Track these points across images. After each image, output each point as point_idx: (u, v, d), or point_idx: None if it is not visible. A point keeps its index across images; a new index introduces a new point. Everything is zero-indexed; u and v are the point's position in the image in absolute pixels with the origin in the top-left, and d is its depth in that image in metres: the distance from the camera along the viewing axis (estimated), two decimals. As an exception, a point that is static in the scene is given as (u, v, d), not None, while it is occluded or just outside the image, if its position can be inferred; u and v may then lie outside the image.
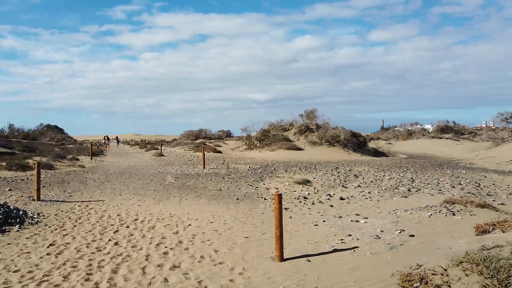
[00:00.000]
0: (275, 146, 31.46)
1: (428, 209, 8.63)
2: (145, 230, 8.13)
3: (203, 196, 12.12)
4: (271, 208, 10.32)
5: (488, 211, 8.35)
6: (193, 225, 8.49)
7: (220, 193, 12.57)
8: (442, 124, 57.05)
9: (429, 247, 5.61)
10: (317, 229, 7.73)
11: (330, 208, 10.19)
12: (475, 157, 31.88)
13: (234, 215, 9.46)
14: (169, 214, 9.61)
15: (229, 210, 10.08)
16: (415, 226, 7.12)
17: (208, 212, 9.84)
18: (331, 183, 14.50)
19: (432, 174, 17.62)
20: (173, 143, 50.53)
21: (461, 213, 7.97)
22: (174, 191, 13.13)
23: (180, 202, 11.16)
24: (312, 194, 12.44)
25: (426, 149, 43.22)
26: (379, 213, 9.29)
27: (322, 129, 33.82)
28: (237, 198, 11.65)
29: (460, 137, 51.78)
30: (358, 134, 34.50)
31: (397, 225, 7.35)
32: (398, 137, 59.50)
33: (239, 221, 8.79)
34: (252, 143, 35.59)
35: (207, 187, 13.79)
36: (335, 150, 31.35)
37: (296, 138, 34.66)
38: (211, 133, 68.04)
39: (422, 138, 55.22)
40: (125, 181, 15.68)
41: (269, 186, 13.71)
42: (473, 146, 41.00)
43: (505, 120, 39.54)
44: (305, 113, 37.28)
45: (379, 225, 7.56)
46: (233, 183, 14.69)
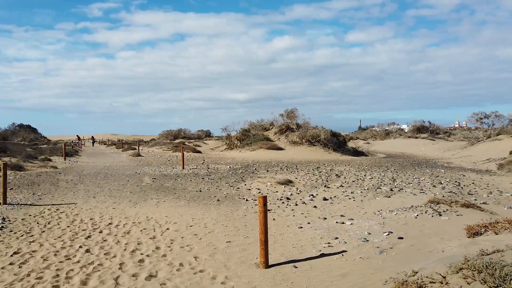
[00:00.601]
0: (255, 146, 31.14)
1: (414, 210, 8.47)
2: (119, 235, 7.62)
3: (182, 197, 11.65)
4: (253, 209, 9.96)
5: (473, 211, 8.25)
6: (171, 229, 8.04)
7: (200, 195, 12.13)
8: (418, 124, 58.04)
9: (420, 250, 5.38)
10: (302, 232, 7.42)
11: (314, 209, 9.92)
12: (452, 156, 32.47)
13: (215, 217, 9.05)
14: (146, 218, 9.11)
15: (209, 212, 9.67)
16: (403, 228, 6.90)
17: (188, 214, 9.39)
18: (314, 183, 14.27)
19: (412, 173, 17.66)
20: (151, 143, 49.50)
21: (447, 213, 7.83)
22: (152, 192, 12.60)
23: (158, 205, 10.66)
24: (295, 194, 12.15)
25: (403, 148, 43.83)
26: (364, 214, 9.08)
27: (302, 129, 33.72)
28: (218, 200, 11.24)
29: (435, 136, 52.85)
30: (338, 134, 34.58)
31: (384, 227, 7.12)
32: (376, 137, 60.30)
33: (220, 224, 8.39)
34: (233, 143, 35.16)
35: (186, 188, 13.31)
36: (315, 149, 31.29)
37: (277, 137, 34.45)
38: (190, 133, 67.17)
39: (399, 138, 56.10)
40: (100, 182, 15.00)
41: (251, 187, 13.35)
42: (448, 145, 41.85)
43: (479, 120, 40.45)
44: (286, 112, 37.11)
45: (365, 226, 7.31)
46: (213, 184, 14.25)
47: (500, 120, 38.74)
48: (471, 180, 15.34)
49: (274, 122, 38.13)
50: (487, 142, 35.55)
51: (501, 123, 38.62)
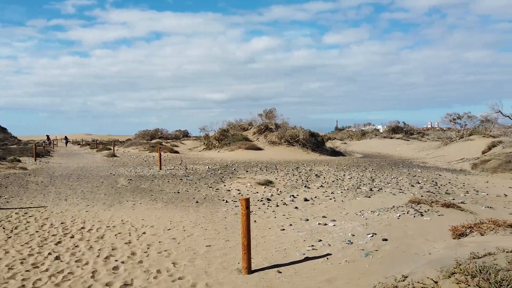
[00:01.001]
0: (234, 146, 30.85)
1: (396, 210, 8.42)
2: (92, 240, 7.21)
3: (159, 199, 11.25)
4: (234, 211, 9.70)
5: (454, 210, 8.27)
6: (148, 233, 7.68)
7: (178, 196, 11.76)
8: (393, 125, 59.08)
9: (406, 252, 5.26)
10: (285, 234, 7.22)
11: (295, 210, 9.75)
12: (426, 156, 33.15)
13: (194, 220, 8.74)
14: (121, 221, 8.70)
15: (188, 214, 9.34)
16: (386, 229, 6.81)
17: (165, 217, 9.04)
18: (294, 183, 14.13)
19: (390, 173, 17.81)
20: (127, 143, 48.36)
21: (429, 214, 7.80)
22: (127, 194, 12.13)
23: (134, 207, 10.24)
24: (275, 195, 11.97)
25: (379, 148, 44.50)
26: (346, 215, 8.97)
27: (281, 129, 33.65)
28: (197, 201, 10.91)
29: (409, 137, 53.96)
30: (316, 134, 34.71)
31: (367, 228, 7.00)
32: (352, 137, 61.06)
33: (199, 227, 8.09)
34: (211, 143, 34.72)
35: (163, 190, 12.90)
36: (294, 149, 31.28)
37: (256, 137, 34.25)
38: (167, 133, 66.15)
39: (375, 138, 56.99)
40: (72, 184, 14.38)
41: (230, 188, 13.07)
42: (423, 145, 42.77)
43: (452, 120, 41.50)
44: (264, 112, 36.97)
45: (349, 228, 7.18)
46: (192, 185, 13.89)
47: (472, 120, 39.84)
48: (447, 180, 15.57)
49: (253, 122, 37.94)
50: (460, 142, 36.49)
51: (473, 124, 39.75)
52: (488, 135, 36.15)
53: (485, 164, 20.17)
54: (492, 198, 11.52)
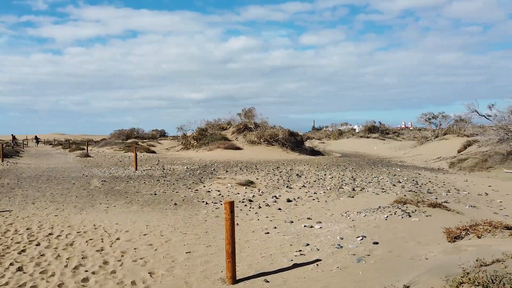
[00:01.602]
0: (213, 146, 30.28)
1: (382, 211, 8.17)
2: (60, 248, 6.61)
3: (135, 202, 10.66)
4: (214, 214, 9.25)
5: (440, 210, 8.10)
6: (122, 239, 7.13)
7: (155, 198, 11.19)
8: (370, 124, 59.86)
9: (400, 257, 4.97)
10: (270, 238, 6.83)
11: (278, 212, 9.38)
12: (403, 155, 33.54)
13: (173, 224, 8.23)
14: (93, 226, 8.10)
15: (166, 218, 8.81)
16: (375, 231, 6.52)
17: (141, 221, 8.48)
18: (275, 183, 13.79)
19: (370, 172, 17.73)
20: (102, 143, 46.89)
21: (417, 214, 7.58)
22: (101, 197, 11.46)
23: (107, 210, 9.62)
24: (257, 196, 11.57)
25: (357, 148, 44.86)
26: (331, 216, 8.67)
27: (260, 128, 33.33)
28: (175, 204, 10.38)
29: (385, 136, 54.79)
30: (295, 134, 34.57)
31: (355, 231, 6.70)
32: (330, 136, 61.54)
33: (178, 232, 7.59)
34: (189, 142, 34.02)
35: (139, 192, 12.28)
36: (273, 149, 31.02)
37: (235, 137, 33.79)
38: (143, 132, 64.78)
39: (352, 137, 57.59)
40: (41, 186, 13.54)
41: (210, 189, 12.59)
42: (399, 145, 43.38)
43: (427, 120, 42.28)
44: (243, 112, 36.57)
45: (336, 231, 6.85)
46: (169, 186, 13.31)
47: (447, 120, 40.76)
48: (427, 179, 15.59)
49: (232, 122, 37.47)
50: (435, 141, 37.18)
51: (447, 123, 40.63)
52: (462, 135, 36.99)
53: (462, 163, 20.44)
54: (474, 197, 11.51)
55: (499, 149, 19.08)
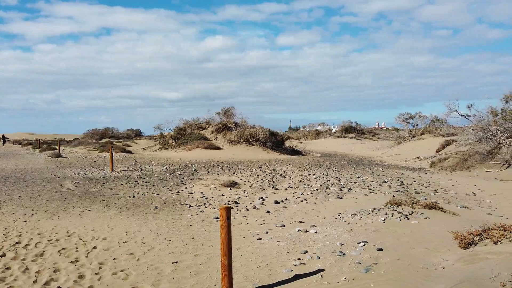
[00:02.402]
0: (192, 146, 29.50)
1: (378, 213, 7.81)
2: (29, 259, 5.88)
3: (112, 205, 9.91)
4: (199, 217, 8.65)
5: (437, 212, 7.82)
6: (99, 248, 6.45)
7: (134, 201, 10.47)
8: (346, 125, 60.40)
9: (412, 266, 4.56)
10: (263, 245, 6.32)
11: (267, 215, 8.88)
12: (382, 155, 33.74)
13: (155, 229, 7.58)
14: (66, 233, 7.36)
15: (147, 223, 8.15)
16: (376, 236, 6.12)
17: (120, 227, 7.80)
18: (260, 184, 13.30)
19: (353, 172, 17.51)
20: (75, 142, 45.13)
21: (415, 217, 7.26)
22: (74, 200, 10.64)
23: (82, 215, 8.86)
24: (243, 198, 11.04)
25: (335, 147, 44.94)
26: (323, 219, 8.25)
27: (240, 128, 32.78)
28: (156, 207, 9.71)
29: (362, 136, 55.38)
30: (276, 133, 34.22)
31: (354, 235, 6.28)
32: (307, 136, 61.71)
33: (162, 238, 6.97)
34: (167, 142, 33.08)
35: (117, 194, 11.51)
36: (254, 149, 30.55)
37: (214, 136, 33.11)
38: (118, 132, 63.06)
39: (329, 137, 57.93)
40: (8, 188, 12.52)
41: (193, 190, 11.95)
42: (376, 144, 43.80)
43: (405, 120, 42.87)
44: (223, 111, 35.91)
45: (334, 235, 6.42)
46: (149, 187, 12.58)
47: (423, 120, 41.42)
48: (411, 178, 15.47)
49: (211, 121, 36.74)
50: (412, 141, 37.65)
51: (424, 123, 41.28)
52: (438, 134, 37.67)
53: (443, 163, 20.57)
54: (462, 197, 11.38)
55: (479, 148, 19.28)
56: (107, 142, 39.93)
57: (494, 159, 18.43)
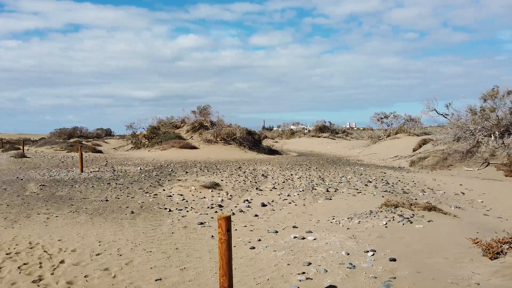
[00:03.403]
0: (166, 145, 28.39)
1: (377, 216, 7.27)
2: (-19, 279, 4.93)
3: (82, 211, 8.93)
4: (181, 223, 7.84)
5: (438, 214, 7.37)
6: (68, 262, 5.56)
7: (107, 205, 9.51)
8: (320, 124, 60.62)
9: (438, 281, 3.99)
10: (258, 255, 5.61)
11: (256, 219, 8.19)
12: (359, 154, 33.76)
13: (132, 238, 6.73)
14: (29, 244, 6.40)
15: (123, 230, 7.27)
16: (383, 243, 5.55)
17: (92, 236, 6.89)
18: (242, 185, 12.58)
19: (335, 171, 17.09)
20: (40, 142, 42.80)
21: (418, 220, 6.76)
22: (39, 205, 9.57)
23: (48, 222, 7.86)
24: (226, 200, 10.30)
25: (311, 147, 44.79)
26: (317, 223, 7.64)
27: (217, 127, 31.89)
28: (132, 212, 8.81)
29: (335, 136, 55.71)
30: (253, 132, 33.59)
31: (358, 243, 5.69)
32: (282, 136, 61.53)
33: (141, 249, 6.14)
34: (140, 141, 31.76)
35: (87, 198, 10.49)
36: (231, 148, 29.81)
37: (189, 136, 32.08)
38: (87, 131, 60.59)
39: (304, 137, 57.91)
40: (-37, 193, 11.23)
41: (171, 193, 11.09)
42: (351, 144, 43.98)
43: (379, 120, 43.28)
44: (198, 109, 34.86)
45: (335, 243, 5.80)
46: (123, 190, 11.60)
47: (398, 120, 41.93)
48: (395, 178, 15.18)
49: (186, 120, 35.66)
50: (388, 140, 37.97)
51: (398, 123, 41.78)
52: (413, 134, 38.18)
53: (423, 161, 20.53)
54: (452, 197, 11.10)
55: (458, 147, 19.32)
56: (75, 142, 38.04)
57: (473, 158, 18.51)
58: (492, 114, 18.59)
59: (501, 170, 16.08)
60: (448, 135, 20.84)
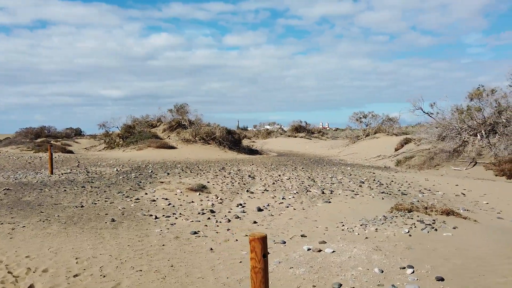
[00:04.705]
0: (142, 144, 27.00)
1: (393, 222, 6.55)
2: None
3: (54, 219, 7.76)
4: (172, 233, 6.85)
5: (457, 219, 6.73)
6: (39, 287, 4.50)
7: (83, 212, 8.36)
8: (296, 124, 60.45)
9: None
10: (274, 274, 4.73)
11: (256, 227, 7.30)
12: (339, 154, 33.45)
13: (117, 253, 5.70)
14: (-11, 264, 5.26)
15: (104, 243, 6.22)
16: (416, 257, 4.81)
17: (67, 251, 5.81)
18: (231, 187, 11.66)
19: (322, 171, 16.44)
20: (5, 141, 40.17)
21: (441, 227, 6.08)
22: (2, 212, 8.30)
23: (13, 234, 6.69)
24: (218, 205, 9.36)
25: (289, 147, 44.27)
26: (326, 230, 6.85)
27: (195, 126, 30.74)
28: (113, 220, 7.73)
29: (311, 136, 55.64)
30: (233, 132, 32.68)
31: (387, 256, 4.92)
32: (258, 136, 60.95)
33: (128, 267, 5.13)
34: (114, 141, 30.17)
35: (59, 203, 9.28)
36: (210, 148, 28.75)
37: (166, 135, 30.76)
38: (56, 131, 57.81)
39: (280, 136, 57.47)
40: None
41: (155, 196, 10.03)
42: (329, 143, 43.80)
43: (358, 119, 43.33)
44: (175, 108, 33.57)
45: (360, 256, 5.00)
46: (100, 194, 10.42)
47: (376, 119, 42.09)
48: (386, 178, 14.67)
49: (162, 118, 34.31)
50: (367, 140, 37.95)
51: (377, 122, 41.93)
52: (391, 133, 38.33)
53: (409, 161, 20.24)
54: (454, 198, 10.61)
55: (444, 146, 19.12)
56: (43, 142, 35.85)
57: (460, 157, 18.34)
58: (478, 114, 18.51)
59: (491, 169, 15.90)
60: (433, 134, 20.63)
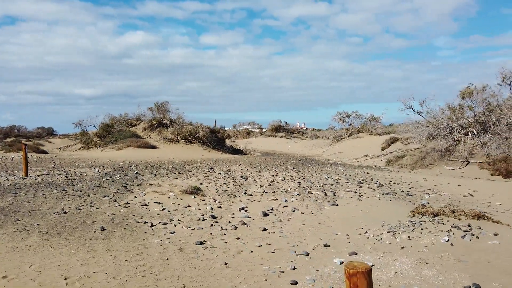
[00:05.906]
0: (122, 144, 25.69)
1: (424, 228, 5.91)
2: None
3: (33, 228, 6.72)
4: (174, 244, 5.97)
5: (491, 224, 6.17)
6: (22, 321, 3.57)
7: (67, 220, 7.33)
8: (276, 124, 60.07)
9: None
10: (312, 296, 3.98)
11: (267, 234, 6.52)
12: (323, 153, 33.05)
13: (114, 271, 4.78)
14: (-44, 289, 4.26)
15: (96, 257, 5.28)
16: (475, 272, 4.16)
17: (53, 268, 4.85)
18: (226, 189, 10.84)
19: (315, 172, 15.83)
20: (-29, 141, 37.68)
21: (481, 234, 5.48)
22: (-29, 222, 7.18)
23: (-15, 249, 5.65)
24: (217, 209, 8.51)
25: (271, 146, 43.63)
26: (348, 238, 6.14)
27: (177, 125, 29.62)
28: (103, 228, 6.76)
29: (291, 135, 55.35)
30: (216, 131, 31.79)
31: (439, 271, 4.24)
32: (237, 135, 60.22)
33: (132, 290, 4.24)
34: (91, 140, 28.66)
35: (38, 209, 8.19)
36: (194, 147, 27.73)
37: (147, 134, 29.51)
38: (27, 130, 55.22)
39: (260, 136, 56.88)
40: None
41: (146, 200, 9.07)
42: (311, 143, 43.46)
43: (342, 119, 43.18)
44: (156, 106, 32.31)
45: (408, 272, 4.30)
46: (84, 198, 9.36)
47: (360, 119, 42.04)
48: (383, 178, 14.19)
49: (142, 117, 32.98)
50: (350, 139, 37.77)
51: (360, 122, 41.88)
52: (375, 133, 38.30)
53: (401, 161, 19.91)
54: (463, 199, 10.15)
55: (436, 145, 18.88)
56: (14, 141, 33.80)
57: (453, 156, 18.13)
58: (469, 112, 18.38)
59: (485, 169, 15.70)
60: (422, 133, 20.40)
